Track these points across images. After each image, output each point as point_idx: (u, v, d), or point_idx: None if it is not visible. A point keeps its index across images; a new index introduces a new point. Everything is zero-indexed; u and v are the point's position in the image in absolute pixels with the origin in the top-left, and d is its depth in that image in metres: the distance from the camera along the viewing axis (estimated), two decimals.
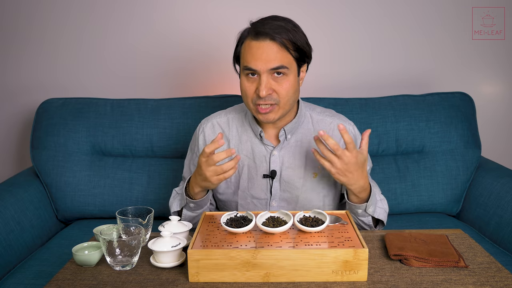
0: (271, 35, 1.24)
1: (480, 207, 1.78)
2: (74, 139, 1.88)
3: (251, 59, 1.26)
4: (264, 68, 1.25)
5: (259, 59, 1.25)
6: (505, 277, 1.01)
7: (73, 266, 1.09)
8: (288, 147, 1.41)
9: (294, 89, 1.31)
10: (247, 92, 1.30)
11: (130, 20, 2.13)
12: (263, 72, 1.26)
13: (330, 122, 1.44)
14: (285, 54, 1.26)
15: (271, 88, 1.27)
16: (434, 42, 2.15)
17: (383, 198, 1.42)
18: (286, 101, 1.30)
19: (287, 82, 1.28)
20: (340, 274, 0.99)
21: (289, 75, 1.28)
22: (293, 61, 1.29)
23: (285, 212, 1.13)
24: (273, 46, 1.25)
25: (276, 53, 1.25)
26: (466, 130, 1.88)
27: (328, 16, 2.12)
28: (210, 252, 0.99)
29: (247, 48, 1.28)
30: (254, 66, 1.26)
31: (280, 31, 1.25)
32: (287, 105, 1.31)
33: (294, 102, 1.35)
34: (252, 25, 1.31)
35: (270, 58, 1.25)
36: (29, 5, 2.11)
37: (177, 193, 1.46)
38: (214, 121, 1.48)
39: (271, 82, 1.27)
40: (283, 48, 1.26)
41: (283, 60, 1.26)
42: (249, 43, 1.28)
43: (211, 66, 2.16)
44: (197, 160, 1.47)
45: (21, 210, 1.67)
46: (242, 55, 1.30)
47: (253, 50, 1.26)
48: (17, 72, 2.19)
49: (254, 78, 1.28)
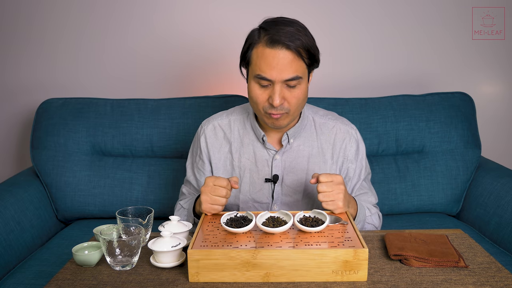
0: (287, 44, 1.20)
1: (480, 207, 1.78)
2: (74, 139, 1.88)
3: (266, 68, 1.22)
4: (279, 78, 1.22)
5: (274, 69, 1.22)
6: (505, 277, 1.00)
7: (73, 266, 1.09)
8: (291, 151, 1.40)
9: (304, 96, 1.30)
10: (258, 100, 1.27)
11: (130, 21, 2.13)
12: (278, 82, 1.23)
13: (332, 126, 1.43)
14: (300, 63, 1.24)
15: (283, 97, 1.25)
16: (434, 42, 2.15)
17: (375, 213, 1.42)
18: (296, 108, 1.29)
19: (299, 91, 1.26)
20: (340, 274, 0.99)
21: (302, 83, 1.27)
22: (305, 68, 1.26)
23: (285, 212, 1.13)
24: (289, 56, 1.21)
25: (292, 63, 1.22)
26: (466, 130, 1.88)
27: (329, 16, 2.12)
28: (210, 252, 0.99)
29: (261, 55, 1.23)
30: (270, 76, 1.22)
31: (294, 39, 1.21)
32: (296, 112, 1.31)
33: (302, 108, 1.34)
34: (263, 29, 1.25)
35: (285, 68, 1.22)
36: (29, 5, 2.11)
37: (183, 208, 1.43)
38: (215, 123, 1.45)
39: (284, 91, 1.25)
40: (298, 57, 1.23)
41: (298, 70, 1.23)
42: (262, 50, 1.23)
43: (212, 66, 2.16)
44: (200, 163, 1.46)
45: (21, 210, 1.67)
46: (254, 62, 1.25)
47: (269, 60, 1.21)
48: (17, 72, 2.19)
49: (266, 86, 1.25)
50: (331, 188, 1.19)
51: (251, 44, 1.27)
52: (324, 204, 1.20)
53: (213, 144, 1.44)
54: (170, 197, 1.85)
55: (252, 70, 1.27)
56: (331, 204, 1.20)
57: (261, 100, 1.27)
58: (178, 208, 1.45)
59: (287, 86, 1.25)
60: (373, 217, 1.41)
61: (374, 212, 1.42)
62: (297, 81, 1.24)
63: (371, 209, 1.42)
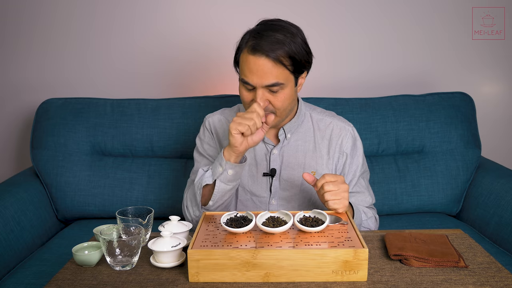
0: (266, 53, 1.23)
1: (480, 207, 1.78)
2: (74, 139, 1.88)
3: (248, 73, 1.26)
4: (259, 83, 1.26)
5: (254, 75, 1.25)
6: (505, 277, 1.00)
7: (73, 266, 1.09)
8: (288, 146, 1.42)
9: (290, 99, 1.31)
10: (245, 100, 1.32)
11: (130, 21, 2.12)
12: (259, 87, 1.26)
13: (329, 122, 1.45)
14: (281, 70, 1.25)
15: (267, 100, 1.28)
16: (434, 42, 2.15)
17: (371, 217, 1.43)
18: (283, 110, 1.32)
19: (282, 95, 1.29)
20: (340, 274, 0.99)
21: (285, 88, 1.28)
22: (289, 74, 1.28)
23: (285, 212, 1.13)
24: (268, 63, 1.24)
25: (272, 70, 1.24)
26: (466, 130, 1.88)
27: (328, 16, 2.12)
28: (210, 252, 0.99)
29: (244, 60, 1.27)
30: (250, 80, 1.26)
31: (277, 48, 1.23)
32: (283, 113, 1.33)
33: (291, 109, 1.36)
34: (252, 34, 1.28)
35: (265, 75, 1.24)
36: (31, 5, 2.11)
37: (204, 171, 1.36)
38: (219, 116, 1.50)
39: (266, 94, 1.28)
40: (279, 64, 1.24)
41: (278, 77, 1.25)
42: (246, 56, 1.26)
43: (211, 66, 2.16)
44: (210, 149, 1.47)
45: (21, 210, 1.67)
46: (240, 65, 1.30)
47: (250, 65, 1.25)
48: (17, 73, 2.19)
49: (251, 89, 1.29)
50: (337, 187, 1.19)
51: (239, 48, 1.31)
52: (331, 202, 1.19)
53: (218, 132, 1.48)
54: (170, 197, 1.85)
55: (240, 72, 1.31)
56: (338, 202, 1.19)
57: (247, 100, 1.31)
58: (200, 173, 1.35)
59: (269, 91, 1.27)
60: (369, 221, 1.42)
61: (371, 215, 1.43)
62: (279, 86, 1.27)
63: (367, 212, 1.42)
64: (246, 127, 1.22)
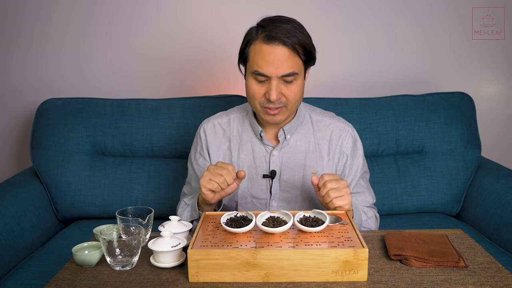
0: (283, 40, 1.23)
1: (480, 207, 1.78)
2: (74, 139, 1.88)
3: (263, 64, 1.25)
4: (275, 73, 1.25)
5: (271, 65, 1.24)
6: (505, 277, 1.00)
7: (73, 266, 1.09)
8: (288, 147, 1.42)
9: (301, 92, 1.32)
10: (255, 95, 1.30)
11: (131, 21, 2.12)
12: (274, 77, 1.25)
13: (329, 123, 1.45)
14: (296, 59, 1.26)
15: (281, 92, 1.28)
16: (434, 42, 2.15)
17: (371, 216, 1.43)
18: (294, 103, 1.31)
19: (296, 87, 1.28)
20: (340, 274, 0.99)
21: (298, 79, 1.29)
22: (302, 65, 1.29)
23: (285, 212, 1.13)
24: (285, 51, 1.24)
25: (288, 59, 1.24)
26: (466, 130, 1.88)
27: (328, 15, 2.12)
28: (210, 252, 0.99)
29: (258, 51, 1.26)
30: (266, 71, 1.25)
31: (291, 35, 1.24)
32: (294, 107, 1.33)
33: (299, 104, 1.36)
34: (261, 27, 1.28)
35: (282, 64, 1.24)
36: (31, 6, 2.11)
37: (186, 204, 1.44)
38: (215, 122, 1.48)
39: (281, 86, 1.27)
40: (294, 53, 1.25)
41: (293, 66, 1.26)
42: (260, 46, 1.26)
43: (212, 66, 2.16)
44: (200, 160, 1.47)
45: (21, 210, 1.67)
46: (252, 58, 1.28)
47: (265, 55, 1.24)
48: (17, 73, 2.19)
49: (263, 81, 1.28)
50: (338, 184, 1.19)
51: (248, 41, 1.30)
52: (335, 200, 1.18)
53: (212, 142, 1.46)
54: (170, 197, 1.85)
55: (249, 67, 1.30)
56: (343, 198, 1.19)
57: (258, 95, 1.29)
58: (182, 205, 1.45)
59: (283, 82, 1.27)
60: (370, 221, 1.42)
61: (371, 215, 1.43)
62: (294, 76, 1.27)
63: (368, 212, 1.42)
64: (216, 185, 1.22)
